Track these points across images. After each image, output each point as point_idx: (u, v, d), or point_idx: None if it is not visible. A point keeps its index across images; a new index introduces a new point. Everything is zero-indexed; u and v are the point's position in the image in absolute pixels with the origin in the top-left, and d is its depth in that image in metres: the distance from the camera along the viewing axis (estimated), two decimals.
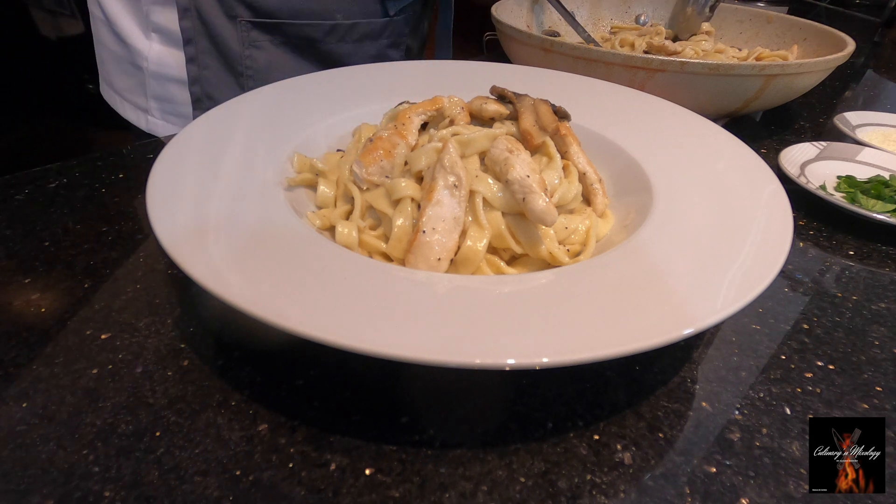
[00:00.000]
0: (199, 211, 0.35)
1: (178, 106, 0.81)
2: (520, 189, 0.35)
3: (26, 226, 0.45)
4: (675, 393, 0.33)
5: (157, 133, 0.81)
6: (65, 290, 0.38)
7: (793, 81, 0.64)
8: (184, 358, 0.33)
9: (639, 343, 0.26)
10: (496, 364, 0.25)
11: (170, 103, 0.81)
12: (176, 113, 0.82)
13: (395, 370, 0.33)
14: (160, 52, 0.77)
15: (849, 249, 0.49)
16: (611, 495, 0.27)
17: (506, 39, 0.78)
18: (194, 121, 0.45)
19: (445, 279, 0.32)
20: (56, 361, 0.33)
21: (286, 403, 0.31)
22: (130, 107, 0.84)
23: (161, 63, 0.77)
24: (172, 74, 0.78)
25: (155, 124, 0.82)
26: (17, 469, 0.27)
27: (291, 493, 0.26)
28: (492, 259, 0.37)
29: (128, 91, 0.83)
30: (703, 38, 0.91)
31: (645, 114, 0.54)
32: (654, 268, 0.32)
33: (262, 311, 0.26)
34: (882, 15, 1.52)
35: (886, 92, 0.99)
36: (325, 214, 0.40)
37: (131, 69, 0.80)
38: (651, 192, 0.41)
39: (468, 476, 0.28)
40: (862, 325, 0.40)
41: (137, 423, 0.29)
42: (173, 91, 0.79)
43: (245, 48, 0.75)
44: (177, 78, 0.78)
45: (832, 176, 0.58)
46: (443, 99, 0.46)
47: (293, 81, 0.56)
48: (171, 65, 0.77)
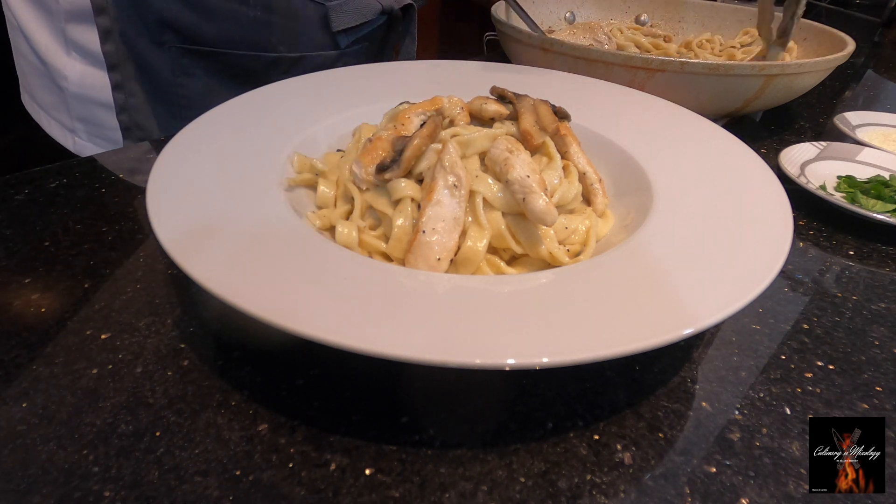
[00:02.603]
0: (199, 211, 0.35)
1: (107, 130, 0.70)
2: (520, 189, 0.35)
3: (26, 226, 0.45)
4: (675, 393, 0.33)
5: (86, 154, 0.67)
6: (65, 290, 0.38)
7: (793, 81, 0.64)
8: (184, 358, 0.33)
9: (639, 343, 0.26)
10: (496, 364, 0.25)
11: (97, 126, 0.71)
12: (105, 137, 0.71)
13: (395, 370, 0.33)
14: (83, 73, 0.67)
15: (849, 249, 0.49)
16: (611, 495, 0.27)
17: (506, 39, 0.78)
18: (194, 121, 0.45)
19: (445, 279, 0.32)
20: (56, 361, 0.33)
21: (286, 403, 0.31)
22: (56, 125, 0.73)
23: (83, 85, 0.67)
24: (98, 98, 0.68)
25: (83, 146, 0.72)
26: (17, 469, 0.27)
27: (291, 493, 0.26)
28: (492, 259, 0.37)
29: (52, 108, 0.72)
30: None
31: (645, 114, 0.54)
32: (654, 268, 0.32)
33: (262, 311, 0.26)
34: (882, 15, 1.52)
35: (886, 92, 0.99)
36: (325, 214, 0.40)
37: (52, 86, 0.70)
38: (651, 192, 0.41)
39: (468, 476, 0.28)
40: (862, 325, 0.40)
41: (137, 423, 0.29)
42: (100, 115, 0.69)
43: (176, 76, 0.66)
44: (102, 102, 0.68)
45: (832, 176, 0.58)
46: (443, 99, 0.46)
47: (293, 81, 0.56)
48: (96, 87, 0.67)
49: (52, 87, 0.69)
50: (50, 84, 0.69)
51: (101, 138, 0.71)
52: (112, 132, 0.70)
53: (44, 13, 0.65)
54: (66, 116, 0.71)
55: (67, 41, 0.65)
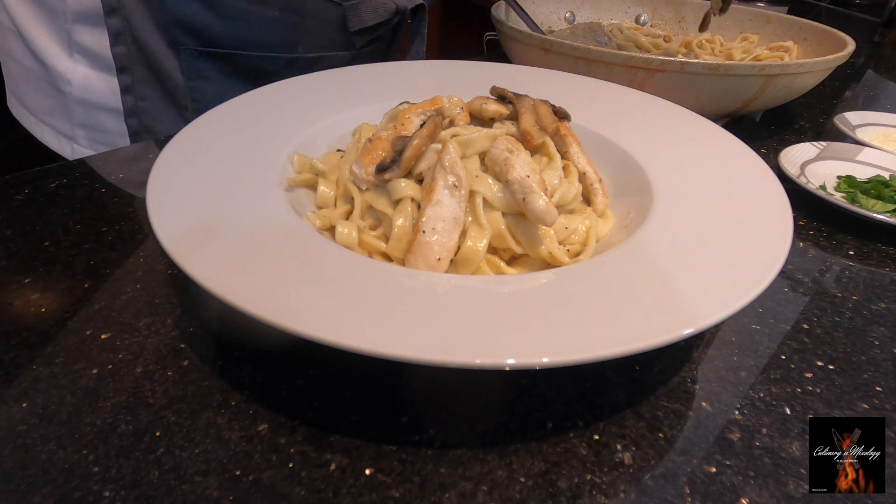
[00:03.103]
0: (199, 211, 0.35)
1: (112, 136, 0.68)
2: (520, 189, 0.35)
3: (26, 226, 0.45)
4: (675, 393, 0.33)
5: None
6: (65, 290, 0.38)
7: (793, 81, 0.64)
8: (184, 358, 0.33)
9: (639, 343, 0.26)
10: (496, 364, 0.25)
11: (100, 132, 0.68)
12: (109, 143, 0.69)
13: (395, 370, 0.33)
14: (87, 77, 0.65)
15: (849, 249, 0.49)
16: (611, 495, 0.27)
17: (506, 39, 0.78)
18: (194, 121, 0.45)
19: (445, 279, 0.32)
20: (56, 361, 0.33)
21: (286, 403, 0.31)
22: (50, 131, 0.70)
23: (88, 89, 0.65)
24: (103, 102, 0.66)
25: (82, 153, 0.68)
26: (17, 469, 0.27)
27: (291, 493, 0.26)
28: (492, 259, 0.37)
29: (46, 114, 0.69)
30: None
31: (645, 114, 0.54)
32: (654, 268, 0.32)
33: (262, 311, 0.26)
34: (882, 15, 1.52)
35: (886, 92, 0.99)
36: (325, 214, 0.40)
37: (50, 90, 0.67)
38: (651, 192, 0.41)
39: (468, 476, 0.28)
40: (862, 325, 0.40)
41: (137, 423, 0.29)
42: (104, 120, 0.67)
43: (190, 79, 0.65)
44: (108, 107, 0.66)
45: (832, 176, 0.58)
46: (442, 99, 0.46)
47: (293, 81, 0.56)
48: (102, 91, 0.65)
49: (51, 91, 0.67)
50: (48, 88, 0.67)
51: (103, 144, 0.69)
52: (117, 137, 0.68)
53: (46, 14, 0.63)
54: (64, 122, 0.68)
55: (72, 43, 0.63)
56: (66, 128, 0.69)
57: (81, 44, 0.63)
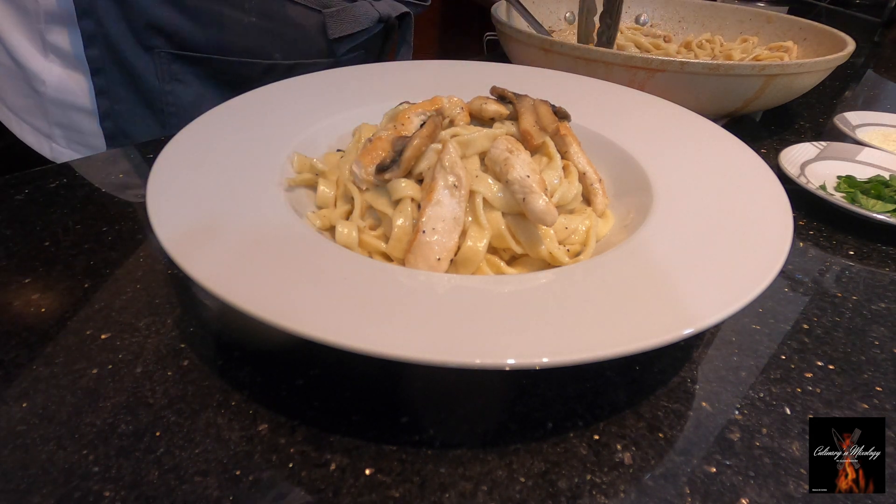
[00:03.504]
0: (199, 211, 0.35)
1: (88, 136, 0.67)
2: (520, 189, 0.35)
3: (26, 226, 0.45)
4: (675, 393, 0.33)
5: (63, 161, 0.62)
6: (65, 290, 0.38)
7: (793, 81, 0.64)
8: (184, 358, 0.33)
9: (639, 343, 0.26)
10: (496, 364, 0.25)
11: (78, 133, 0.68)
12: (85, 143, 0.68)
13: (395, 370, 0.33)
14: (61, 77, 0.64)
15: (849, 249, 0.49)
16: (611, 495, 0.27)
17: (506, 39, 0.78)
18: (194, 120, 0.45)
19: (445, 279, 0.32)
20: (56, 361, 0.33)
21: (286, 403, 0.31)
22: (30, 129, 0.69)
23: (63, 90, 0.65)
24: (78, 104, 0.65)
25: (61, 153, 0.69)
26: (17, 469, 0.27)
27: (291, 493, 0.26)
28: (492, 259, 0.37)
29: (25, 112, 0.68)
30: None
31: (645, 114, 0.54)
32: (654, 268, 0.32)
33: (262, 311, 0.26)
34: (882, 15, 1.52)
35: (886, 92, 0.99)
36: (325, 214, 0.40)
37: (27, 89, 0.66)
38: (651, 192, 0.41)
39: (468, 476, 0.28)
40: (862, 325, 0.40)
41: (137, 423, 0.29)
42: (80, 121, 0.66)
43: (165, 82, 0.64)
44: (84, 108, 0.65)
45: (832, 176, 0.58)
46: (442, 99, 0.45)
47: (293, 81, 0.56)
48: (76, 92, 0.65)
49: (28, 90, 0.66)
50: (25, 87, 0.66)
51: (80, 144, 0.69)
52: (93, 138, 0.67)
53: (20, 13, 0.62)
54: (42, 121, 0.68)
55: (45, 44, 0.63)
56: (44, 127, 0.68)
57: (55, 44, 0.63)
